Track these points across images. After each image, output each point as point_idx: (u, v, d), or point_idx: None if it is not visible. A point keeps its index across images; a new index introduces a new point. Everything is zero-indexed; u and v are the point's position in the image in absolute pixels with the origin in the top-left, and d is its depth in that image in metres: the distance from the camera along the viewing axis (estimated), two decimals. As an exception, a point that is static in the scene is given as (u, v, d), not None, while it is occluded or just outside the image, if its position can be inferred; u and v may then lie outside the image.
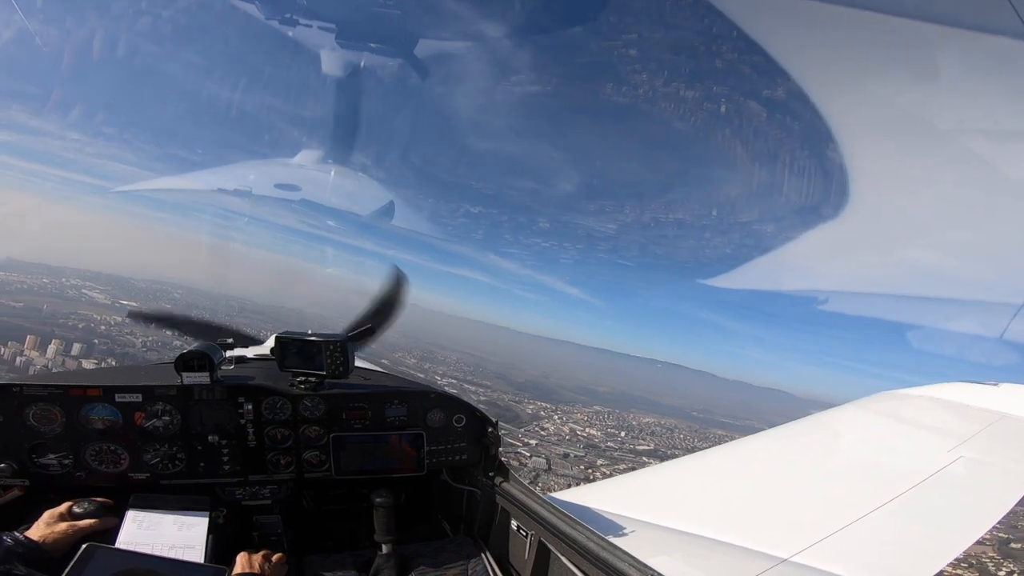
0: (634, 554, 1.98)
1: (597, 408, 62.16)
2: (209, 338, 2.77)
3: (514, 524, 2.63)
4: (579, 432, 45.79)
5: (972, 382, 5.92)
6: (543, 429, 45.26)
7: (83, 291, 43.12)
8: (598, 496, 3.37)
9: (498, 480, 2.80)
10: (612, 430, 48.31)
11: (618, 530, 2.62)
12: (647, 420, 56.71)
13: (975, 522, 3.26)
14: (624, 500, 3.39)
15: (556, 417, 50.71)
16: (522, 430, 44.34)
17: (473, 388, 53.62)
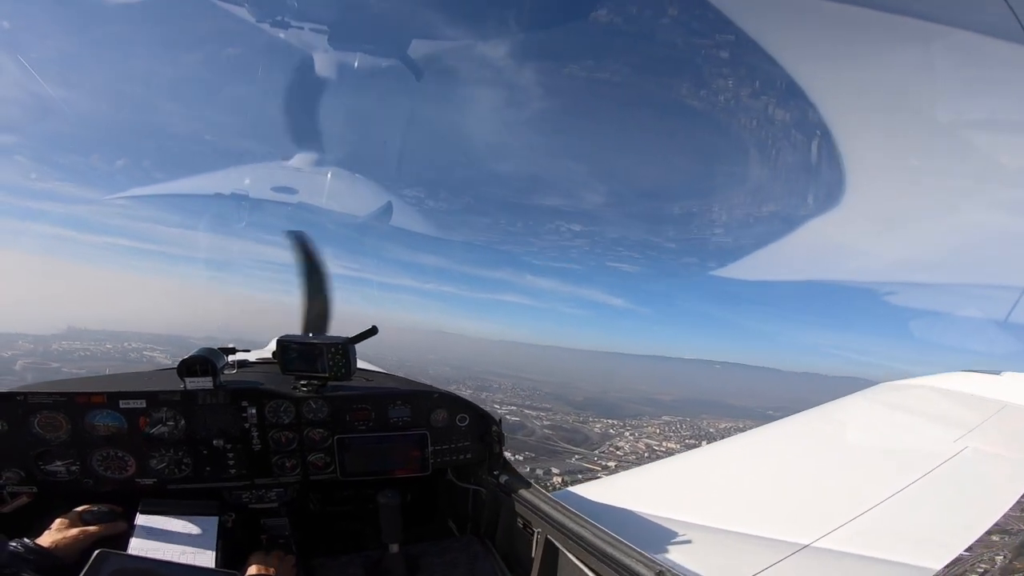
0: (643, 549, 1.94)
1: (666, 418, 59.49)
2: (311, 298, 2.89)
3: (520, 522, 2.60)
4: (656, 448, 42.99)
5: (974, 371, 5.82)
6: (617, 448, 42.76)
7: (144, 353, 43.99)
8: (605, 492, 3.25)
9: (503, 478, 2.79)
10: (691, 441, 45.21)
11: (626, 525, 2.50)
12: (723, 425, 53.15)
13: (987, 511, 3.19)
14: (631, 495, 3.25)
15: (627, 434, 48.35)
16: (596, 452, 42.02)
17: (534, 413, 52.27)
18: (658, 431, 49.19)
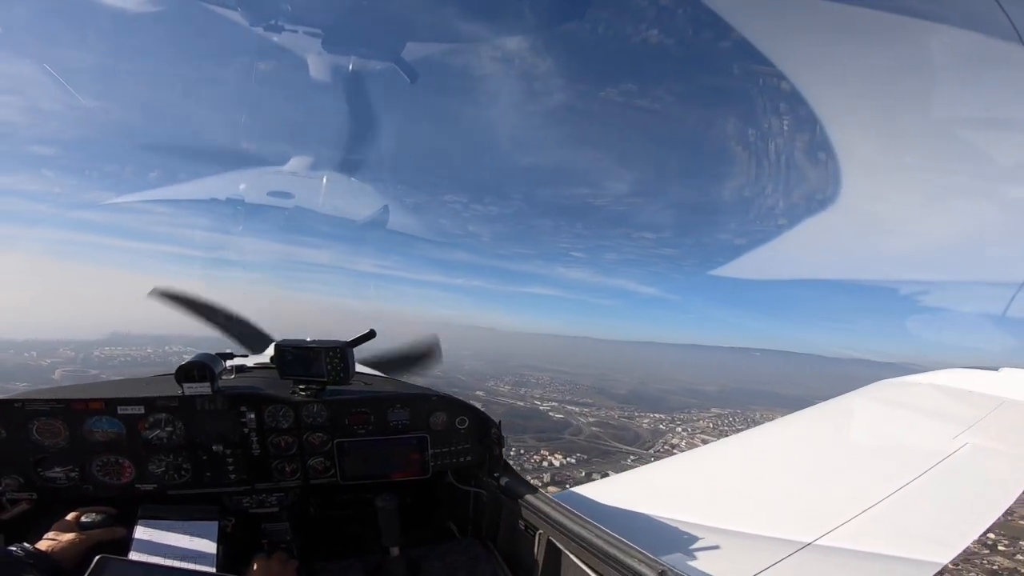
0: (645, 549, 1.94)
1: (715, 411, 57.31)
2: (225, 328, 2.89)
3: (522, 524, 2.59)
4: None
5: (972, 368, 5.85)
6: (672, 447, 40.58)
7: (184, 357, 43.76)
8: (606, 492, 3.22)
9: (503, 480, 2.76)
10: (750, 436, 42.15)
11: (628, 525, 2.41)
12: (777, 417, 49.76)
13: (987, 507, 3.19)
14: (631, 495, 3.24)
15: (679, 429, 46.20)
16: (651, 452, 40.04)
17: (577, 409, 50.82)
18: (710, 425, 46.83)
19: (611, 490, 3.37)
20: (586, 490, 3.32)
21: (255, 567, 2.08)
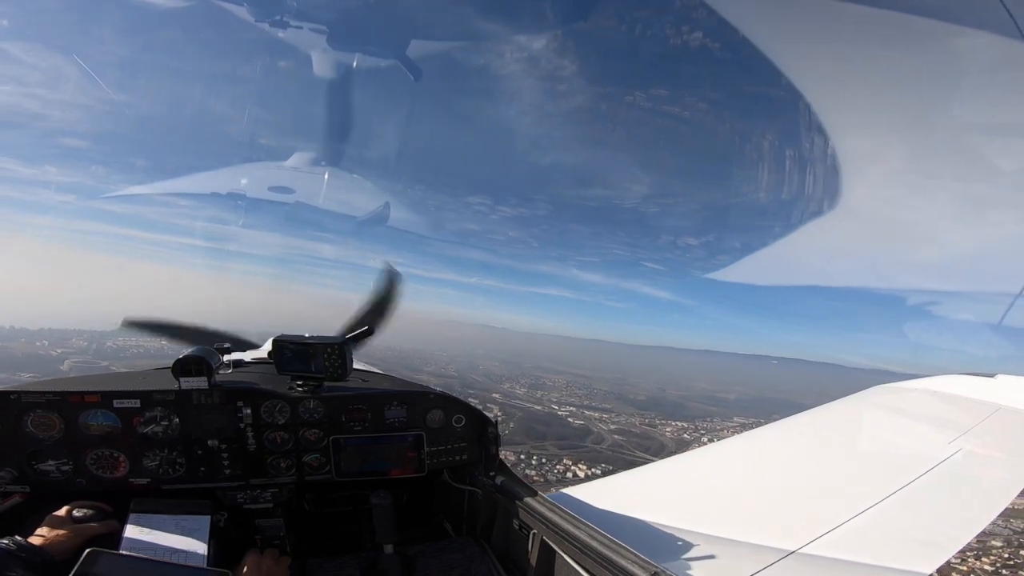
0: (638, 551, 1.93)
1: (739, 420, 55.77)
2: (204, 344, 2.67)
3: (516, 523, 2.59)
4: (744, 457, 38.64)
5: (968, 374, 5.83)
6: (700, 458, 38.72)
7: (196, 349, 43.14)
8: (600, 493, 3.20)
9: (499, 479, 2.75)
10: (778, 448, 40.60)
11: (621, 527, 2.45)
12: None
13: (979, 513, 3.16)
14: (625, 497, 3.26)
15: (705, 439, 44.30)
16: None
17: (596, 415, 49.84)
18: (736, 435, 45.23)
19: (605, 491, 3.36)
20: (580, 491, 3.30)
21: (247, 563, 2.04)
